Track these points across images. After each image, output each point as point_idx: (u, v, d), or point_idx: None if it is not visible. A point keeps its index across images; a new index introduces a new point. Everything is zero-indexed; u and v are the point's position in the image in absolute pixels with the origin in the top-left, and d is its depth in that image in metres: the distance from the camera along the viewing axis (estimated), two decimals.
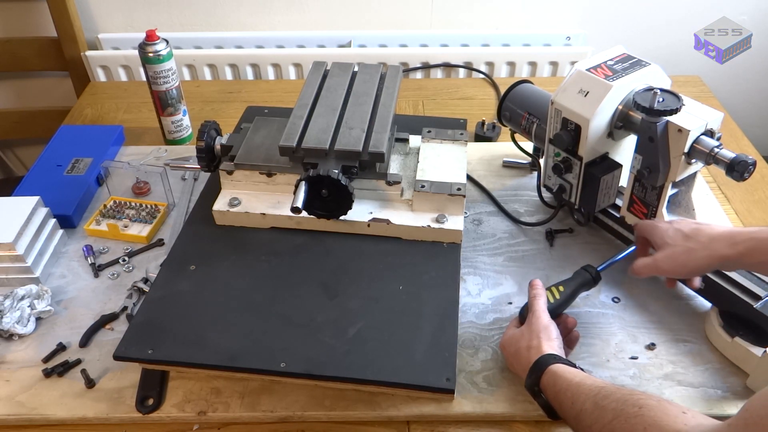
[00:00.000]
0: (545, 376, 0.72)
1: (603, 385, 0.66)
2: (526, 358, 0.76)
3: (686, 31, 1.16)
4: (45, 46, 1.59)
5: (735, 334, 0.82)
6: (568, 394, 0.68)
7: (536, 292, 0.83)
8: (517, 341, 0.79)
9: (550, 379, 0.71)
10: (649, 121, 0.83)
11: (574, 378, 0.69)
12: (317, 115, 0.98)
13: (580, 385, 0.68)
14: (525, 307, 0.84)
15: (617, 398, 0.62)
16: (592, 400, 0.64)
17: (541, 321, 0.79)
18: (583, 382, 0.68)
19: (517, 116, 1.05)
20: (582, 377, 0.69)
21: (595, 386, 0.66)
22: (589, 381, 0.68)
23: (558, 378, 0.71)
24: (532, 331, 0.79)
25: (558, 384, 0.70)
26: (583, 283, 0.86)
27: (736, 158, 0.79)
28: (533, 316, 0.80)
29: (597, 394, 0.65)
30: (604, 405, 0.63)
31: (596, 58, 0.90)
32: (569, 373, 0.71)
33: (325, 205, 0.92)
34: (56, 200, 1.05)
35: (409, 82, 1.52)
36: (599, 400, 0.64)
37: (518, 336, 0.80)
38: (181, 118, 1.26)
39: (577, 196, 0.96)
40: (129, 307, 0.93)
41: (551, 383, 0.71)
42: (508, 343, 0.81)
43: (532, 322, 0.80)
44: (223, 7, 1.60)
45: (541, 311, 0.80)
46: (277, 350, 0.79)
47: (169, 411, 0.80)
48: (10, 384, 0.84)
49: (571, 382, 0.69)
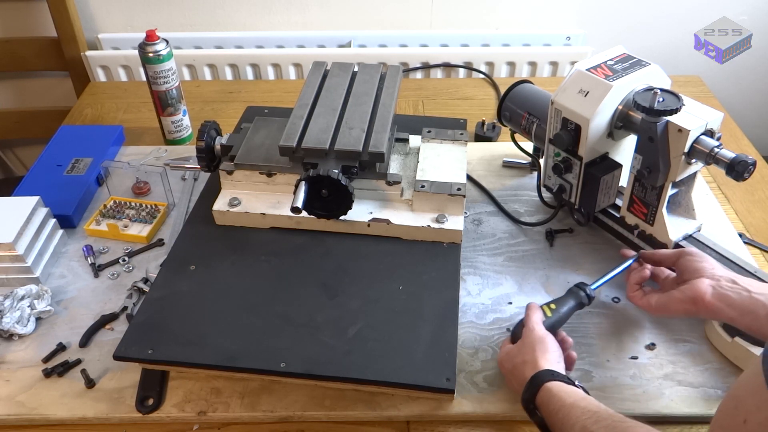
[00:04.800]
0: (541, 393, 0.70)
1: (596, 410, 0.65)
2: (522, 374, 0.74)
3: (686, 31, 1.16)
4: (45, 46, 1.59)
5: (735, 334, 0.82)
6: (559, 416, 0.66)
7: (530, 307, 0.81)
8: (513, 357, 0.77)
9: (545, 397, 0.70)
10: (649, 121, 0.83)
11: (567, 398, 0.67)
12: (317, 115, 0.98)
13: (573, 407, 0.66)
14: (518, 324, 0.82)
15: (606, 425, 0.62)
16: (581, 425, 0.63)
17: (536, 333, 0.77)
18: (576, 404, 0.66)
19: (517, 116, 1.05)
20: (576, 398, 0.67)
21: (587, 410, 0.65)
22: (583, 403, 0.66)
23: (552, 397, 0.69)
24: (526, 344, 0.77)
25: (552, 404, 0.68)
26: (577, 304, 0.83)
27: (736, 158, 0.79)
28: (527, 329, 0.78)
29: (588, 418, 0.63)
30: (594, 430, 0.62)
31: (596, 58, 0.90)
32: (564, 392, 0.69)
33: (325, 205, 0.92)
34: (56, 200, 1.05)
35: (409, 82, 1.52)
36: (589, 425, 0.63)
37: (514, 352, 0.78)
38: (181, 118, 1.26)
39: (577, 196, 0.96)
40: (129, 307, 0.93)
41: (545, 402, 0.69)
42: (504, 360, 0.79)
43: (526, 335, 0.78)
44: (223, 7, 1.60)
45: (535, 323, 0.78)
46: (277, 350, 0.79)
47: (169, 411, 0.80)
48: (10, 384, 0.84)
49: (564, 403, 0.67)
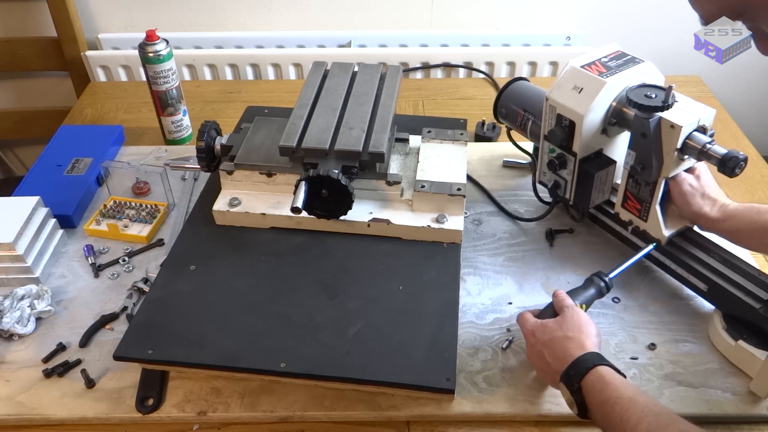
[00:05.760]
0: (590, 375, 0.69)
1: (657, 411, 0.64)
2: (563, 348, 0.73)
3: (686, 31, 1.15)
4: (45, 46, 1.59)
5: (738, 337, 0.82)
6: (616, 408, 0.65)
7: (564, 296, 0.81)
8: (553, 330, 0.76)
9: (597, 383, 0.68)
10: (642, 117, 0.83)
11: (625, 391, 0.66)
12: (317, 115, 0.98)
13: (632, 403, 0.65)
14: (548, 305, 0.82)
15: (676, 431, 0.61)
16: (645, 425, 0.62)
17: (582, 315, 0.77)
18: (635, 399, 0.65)
19: (512, 113, 1.05)
20: (633, 393, 0.66)
21: (648, 409, 0.64)
22: (641, 399, 0.65)
23: (607, 385, 0.67)
24: (570, 321, 0.76)
25: (606, 392, 0.67)
26: (598, 293, 0.85)
27: (727, 154, 0.79)
28: (569, 308, 0.78)
29: (653, 420, 0.62)
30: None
31: (590, 55, 0.90)
32: (619, 382, 0.68)
33: (325, 205, 0.92)
34: (56, 200, 1.05)
35: (409, 82, 1.52)
36: (653, 430, 0.62)
37: (554, 326, 0.77)
38: (181, 118, 1.26)
39: (571, 193, 0.96)
40: (129, 307, 0.93)
41: (597, 388, 0.68)
42: (539, 331, 0.78)
43: (569, 313, 0.77)
44: (223, 7, 1.60)
45: (571, 304, 0.79)
46: (277, 350, 0.79)
47: (169, 411, 0.80)
48: (10, 384, 0.84)
49: (622, 396, 0.66)
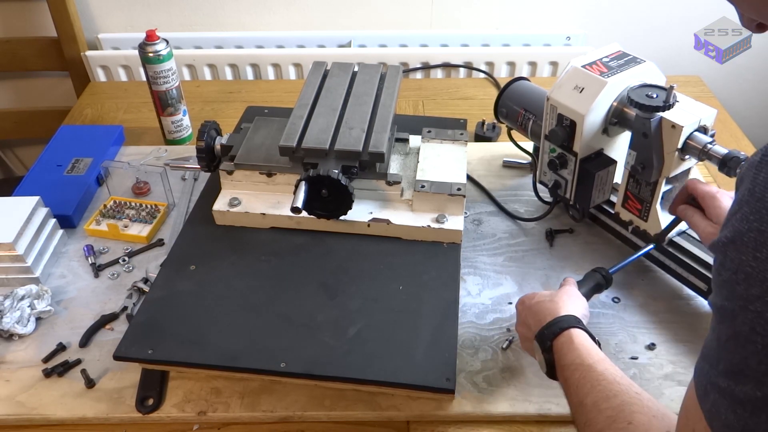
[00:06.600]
0: (562, 337, 0.68)
1: (611, 380, 0.62)
2: (546, 311, 0.73)
3: (686, 31, 1.15)
4: (45, 46, 1.58)
5: None
6: (576, 374, 0.64)
7: (569, 280, 0.82)
8: (542, 298, 0.76)
9: (565, 344, 0.67)
10: (643, 117, 0.83)
11: (587, 358, 0.65)
12: (317, 115, 0.98)
13: (590, 370, 0.63)
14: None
15: (616, 405, 0.59)
16: (593, 397, 0.61)
17: (574, 290, 0.78)
18: (593, 366, 0.64)
19: (513, 113, 1.05)
20: (595, 359, 0.65)
21: (602, 378, 0.62)
22: (600, 367, 0.64)
23: (574, 349, 0.66)
24: (561, 292, 0.76)
25: (569, 356, 0.66)
26: (596, 286, 0.85)
27: (728, 154, 0.79)
28: (567, 285, 0.79)
29: (601, 390, 0.61)
30: (602, 408, 0.60)
31: (592, 55, 0.90)
32: (585, 347, 0.66)
33: (325, 205, 0.92)
34: (56, 200, 1.05)
35: (409, 82, 1.52)
36: (599, 401, 0.60)
37: (545, 295, 0.77)
38: (181, 118, 1.26)
39: (572, 192, 0.96)
40: (129, 307, 0.93)
41: (564, 349, 0.67)
42: (529, 297, 0.78)
43: (564, 289, 0.78)
44: (223, 7, 1.60)
45: (574, 286, 0.79)
46: (277, 350, 0.80)
47: (169, 411, 0.80)
48: (10, 384, 0.84)
49: (584, 362, 0.65)
